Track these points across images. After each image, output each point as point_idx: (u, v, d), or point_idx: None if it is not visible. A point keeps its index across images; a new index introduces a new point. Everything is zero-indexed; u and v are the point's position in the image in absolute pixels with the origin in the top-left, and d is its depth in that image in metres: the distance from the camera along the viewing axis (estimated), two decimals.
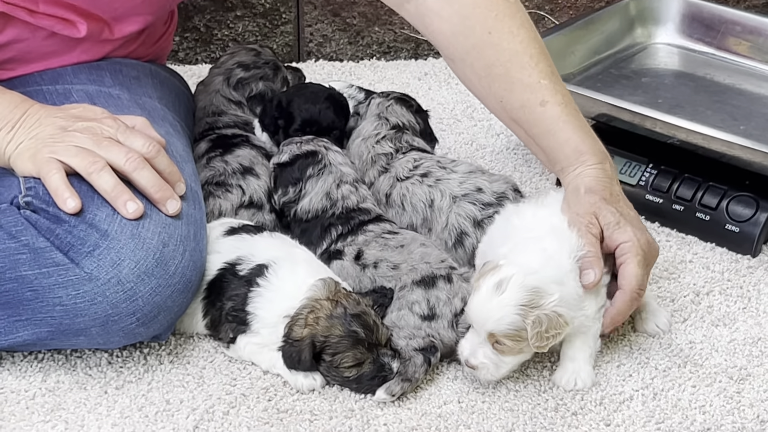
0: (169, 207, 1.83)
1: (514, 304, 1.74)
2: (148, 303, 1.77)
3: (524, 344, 1.77)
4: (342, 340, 1.78)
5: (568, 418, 1.78)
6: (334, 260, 1.97)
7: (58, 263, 1.74)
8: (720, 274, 2.12)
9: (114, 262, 1.74)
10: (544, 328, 1.74)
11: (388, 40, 2.89)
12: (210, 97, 2.29)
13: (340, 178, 2.08)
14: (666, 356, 1.91)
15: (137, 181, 1.80)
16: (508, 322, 1.74)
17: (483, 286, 1.76)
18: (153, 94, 2.10)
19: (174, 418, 1.76)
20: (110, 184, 1.78)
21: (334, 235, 2.00)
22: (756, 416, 1.79)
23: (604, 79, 2.47)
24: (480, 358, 1.78)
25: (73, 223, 1.75)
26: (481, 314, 1.77)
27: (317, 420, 1.77)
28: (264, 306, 1.83)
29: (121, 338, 1.79)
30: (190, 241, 1.84)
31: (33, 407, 1.78)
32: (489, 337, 1.77)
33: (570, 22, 2.54)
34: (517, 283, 1.74)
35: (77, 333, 1.77)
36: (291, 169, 2.09)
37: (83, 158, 1.78)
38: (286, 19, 2.84)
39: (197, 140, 2.21)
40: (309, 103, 2.21)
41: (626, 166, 2.29)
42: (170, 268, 1.79)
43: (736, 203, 2.18)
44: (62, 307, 1.75)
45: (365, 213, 2.03)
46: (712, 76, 2.51)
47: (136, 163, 1.80)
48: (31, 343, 1.81)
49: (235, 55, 2.37)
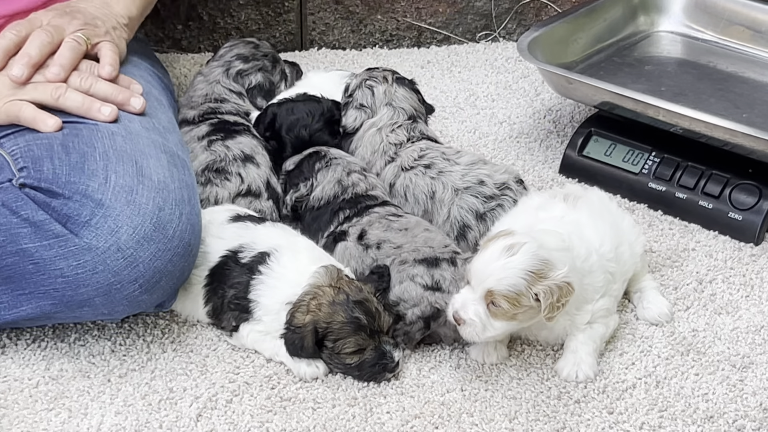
0: (135, 104, 1.94)
1: (522, 268, 1.73)
2: (150, 268, 1.77)
3: (520, 310, 1.75)
4: (344, 327, 1.78)
5: (571, 406, 1.78)
6: (339, 242, 1.97)
7: (58, 235, 1.74)
8: (723, 262, 2.12)
9: (112, 229, 1.75)
10: (555, 298, 1.73)
11: (391, 29, 2.88)
12: (211, 86, 2.30)
13: (349, 167, 2.09)
14: (669, 344, 1.91)
15: (97, 93, 1.90)
16: (510, 283, 1.73)
17: (492, 246, 1.75)
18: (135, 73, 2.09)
19: (177, 406, 1.77)
20: (79, 100, 1.88)
21: (341, 218, 2.01)
22: (759, 404, 1.79)
23: (607, 67, 2.47)
24: (470, 314, 1.76)
25: (67, 195, 1.76)
26: (485, 271, 1.75)
27: (320, 408, 1.77)
28: (266, 293, 1.84)
29: (125, 307, 1.79)
30: (185, 204, 1.84)
31: (36, 395, 1.79)
32: (486, 295, 1.75)
33: (573, 10, 2.54)
34: (529, 250, 1.74)
35: (81, 304, 1.77)
36: (299, 171, 2.12)
37: (44, 89, 1.87)
38: (289, 7, 2.83)
39: (197, 122, 2.21)
40: (299, 127, 2.19)
41: (629, 154, 2.29)
42: (168, 232, 1.79)
43: (739, 191, 2.18)
44: (64, 278, 1.75)
45: (372, 199, 2.04)
46: (715, 64, 2.51)
47: (90, 80, 1.90)
48: (36, 317, 1.81)
49: (234, 48, 2.38)
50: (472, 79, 2.70)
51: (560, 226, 1.85)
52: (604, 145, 2.32)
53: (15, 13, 2.04)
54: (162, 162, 1.87)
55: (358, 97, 2.24)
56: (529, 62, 2.34)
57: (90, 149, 1.82)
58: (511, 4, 2.88)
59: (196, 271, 1.90)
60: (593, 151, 2.33)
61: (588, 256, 1.82)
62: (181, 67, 2.72)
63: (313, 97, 2.25)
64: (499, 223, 2.01)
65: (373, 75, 2.26)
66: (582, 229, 1.87)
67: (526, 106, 2.62)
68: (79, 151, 1.82)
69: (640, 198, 2.27)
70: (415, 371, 1.84)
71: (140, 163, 1.83)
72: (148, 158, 1.85)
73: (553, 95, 2.60)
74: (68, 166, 1.79)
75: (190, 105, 2.27)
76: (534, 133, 2.50)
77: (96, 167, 1.80)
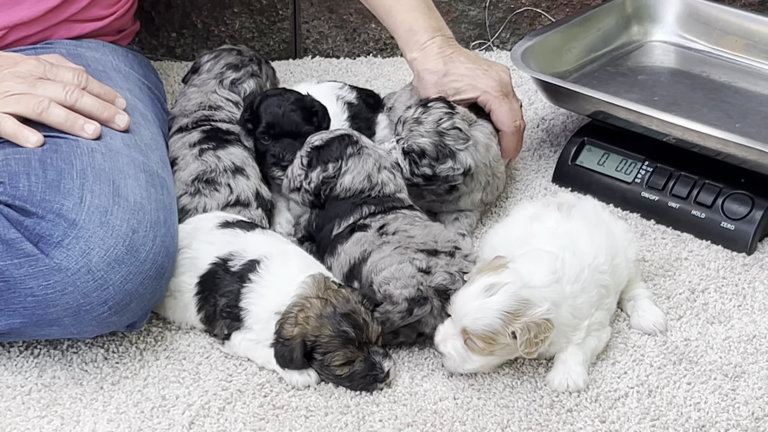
0: (119, 122, 1.92)
1: (498, 309, 1.74)
2: (120, 291, 1.76)
3: (496, 348, 1.78)
4: (332, 340, 1.78)
5: (563, 415, 1.78)
6: (357, 232, 1.96)
7: (29, 254, 1.74)
8: (715, 271, 2.12)
9: (83, 251, 1.74)
10: (533, 335, 1.74)
11: (385, 37, 2.88)
12: (207, 96, 2.29)
13: (380, 162, 2.06)
14: (661, 353, 1.91)
15: (82, 108, 1.87)
16: (485, 323, 1.75)
17: (475, 283, 1.77)
18: (123, 85, 2.09)
19: (170, 414, 1.77)
20: (62, 116, 1.86)
21: (365, 212, 2.00)
22: (751, 413, 1.80)
23: (600, 76, 2.48)
24: (449, 347, 1.80)
25: (40, 214, 1.75)
26: (462, 309, 1.77)
27: (313, 416, 1.77)
28: (256, 302, 1.83)
29: (94, 327, 1.78)
30: (160, 226, 1.84)
31: (29, 402, 1.78)
32: (462, 332, 1.78)
33: (566, 19, 2.55)
34: (509, 291, 1.75)
35: (50, 323, 1.77)
36: (329, 149, 2.06)
37: (27, 103, 1.84)
38: (283, 15, 2.83)
39: (189, 129, 2.21)
40: (274, 106, 2.19)
41: (622, 164, 2.29)
42: (141, 255, 1.78)
43: (732, 201, 2.18)
44: (34, 297, 1.74)
45: (399, 201, 2.03)
46: (708, 73, 2.52)
47: (76, 94, 1.87)
48: (5, 333, 1.80)
49: (221, 58, 2.36)
50: None
51: (554, 240, 1.86)
52: (597, 155, 2.33)
53: (16, 24, 2.05)
54: (140, 182, 1.86)
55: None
56: (522, 71, 2.34)
57: (68, 166, 1.81)
58: (504, 13, 2.88)
59: (184, 277, 1.90)
60: (586, 160, 2.33)
61: (580, 273, 1.82)
62: (175, 74, 2.72)
63: (295, 91, 2.26)
64: (494, 232, 2.02)
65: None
66: (576, 241, 1.87)
67: None
68: (56, 168, 1.81)
69: (632, 207, 2.27)
70: (407, 379, 1.84)
71: (117, 182, 1.82)
72: (126, 177, 1.84)
73: (546, 104, 2.61)
74: (44, 184, 1.78)
75: (183, 113, 2.26)
76: (527, 141, 2.50)
77: (72, 186, 1.79)
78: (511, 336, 1.75)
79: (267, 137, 2.19)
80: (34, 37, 2.08)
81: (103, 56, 2.14)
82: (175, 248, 1.88)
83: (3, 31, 2.04)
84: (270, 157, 2.18)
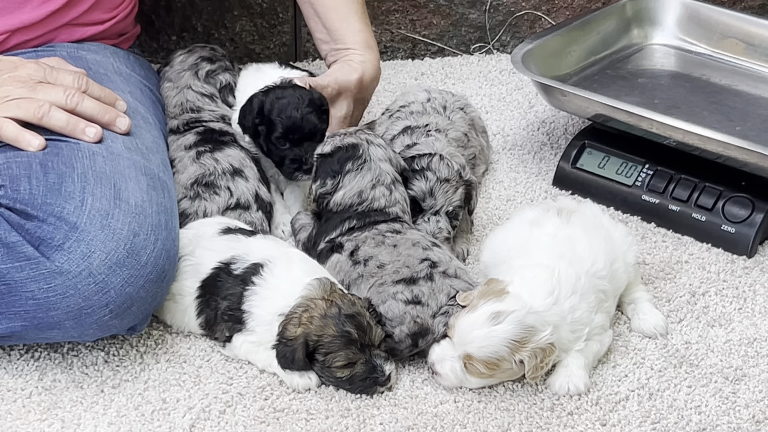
0: (120, 125, 1.92)
1: (505, 337, 1.75)
2: (121, 294, 1.76)
3: (497, 372, 1.78)
4: (335, 340, 1.78)
5: (564, 418, 1.78)
6: (334, 253, 1.96)
7: (30, 257, 1.74)
8: (716, 274, 2.12)
9: (84, 254, 1.74)
10: (539, 360, 1.75)
11: (385, 40, 2.89)
12: (183, 94, 2.27)
13: (378, 177, 2.03)
14: (662, 356, 1.91)
15: (83, 112, 1.87)
16: (491, 351, 1.75)
17: (480, 310, 1.77)
18: (124, 88, 2.09)
19: (170, 417, 1.77)
20: (63, 120, 1.85)
21: (345, 228, 1.99)
22: (751, 416, 1.80)
23: (600, 79, 2.48)
24: (446, 369, 1.80)
25: (41, 217, 1.75)
26: (467, 336, 1.77)
27: (313, 419, 1.77)
28: (260, 304, 1.83)
29: (95, 331, 1.78)
30: (161, 230, 1.84)
31: (29, 406, 1.78)
32: (465, 356, 1.78)
33: (567, 22, 2.55)
34: (515, 319, 1.75)
35: (51, 326, 1.77)
36: (331, 161, 2.05)
37: (27, 107, 1.84)
38: (284, 18, 2.84)
39: (182, 131, 2.19)
40: (291, 109, 2.12)
41: (623, 167, 2.29)
42: (142, 258, 1.78)
43: (732, 204, 2.18)
44: (35, 301, 1.74)
45: (383, 215, 2.01)
46: (709, 77, 2.52)
47: (77, 98, 1.87)
48: (6, 336, 1.80)
49: (194, 52, 2.36)
50: (465, 91, 2.70)
51: (553, 246, 1.86)
52: (597, 158, 2.33)
53: (18, 28, 2.05)
54: (141, 185, 1.86)
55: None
56: (522, 74, 2.34)
57: (69, 169, 1.81)
58: (505, 16, 2.89)
59: (186, 282, 1.90)
60: (587, 163, 2.33)
61: (576, 283, 1.82)
62: None
63: (298, 85, 2.19)
64: (494, 236, 2.01)
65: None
66: (575, 247, 1.87)
67: (519, 118, 2.62)
68: (57, 171, 1.81)
69: (633, 210, 2.27)
70: (408, 382, 1.84)
71: (119, 185, 1.82)
72: (128, 181, 1.84)
73: (546, 107, 2.61)
74: (45, 187, 1.78)
75: (171, 115, 2.25)
76: (527, 145, 2.51)
77: (73, 189, 1.79)
78: (518, 363, 1.76)
79: (285, 142, 2.14)
80: (35, 40, 2.08)
81: (104, 59, 2.15)
82: (176, 251, 1.88)
83: (5, 35, 2.04)
84: (290, 162, 2.14)
